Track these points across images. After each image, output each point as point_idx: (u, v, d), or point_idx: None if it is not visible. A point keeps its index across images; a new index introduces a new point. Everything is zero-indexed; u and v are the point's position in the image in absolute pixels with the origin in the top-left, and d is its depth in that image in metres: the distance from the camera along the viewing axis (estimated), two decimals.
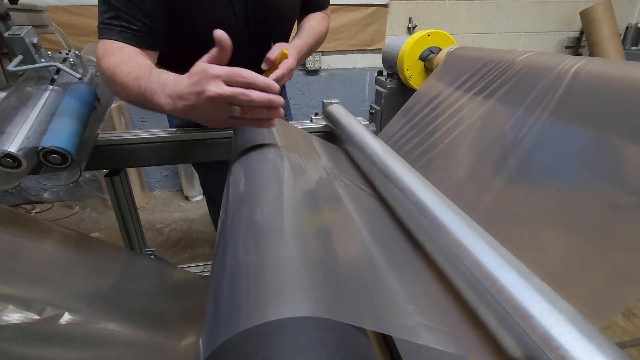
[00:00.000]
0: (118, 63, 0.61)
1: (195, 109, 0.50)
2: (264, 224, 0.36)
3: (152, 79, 0.55)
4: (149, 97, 0.55)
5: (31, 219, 0.81)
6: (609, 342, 0.25)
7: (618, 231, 0.39)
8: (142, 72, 0.57)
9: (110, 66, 0.62)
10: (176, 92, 0.51)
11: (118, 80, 0.60)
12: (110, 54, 0.64)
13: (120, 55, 0.63)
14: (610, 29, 2.18)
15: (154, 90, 0.54)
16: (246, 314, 0.24)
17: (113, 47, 0.65)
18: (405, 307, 0.30)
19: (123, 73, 0.59)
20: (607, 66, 0.48)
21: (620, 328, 1.25)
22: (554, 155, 0.50)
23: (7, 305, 0.46)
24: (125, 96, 0.61)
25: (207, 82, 0.47)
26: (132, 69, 0.59)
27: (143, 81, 0.56)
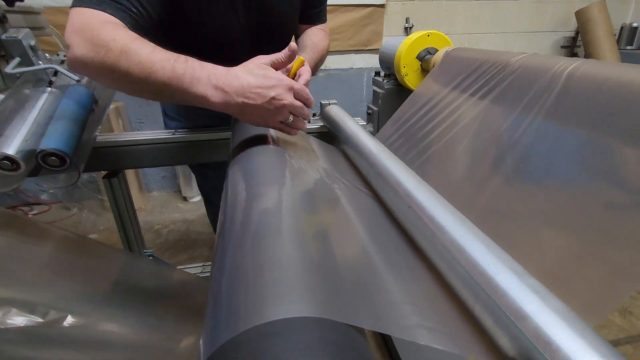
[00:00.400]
0: (134, 38, 0.51)
1: (255, 109, 0.52)
2: (262, 225, 0.36)
3: (193, 65, 0.50)
4: (186, 84, 0.49)
5: (29, 221, 0.81)
6: (603, 340, 0.26)
7: (613, 230, 0.40)
8: (171, 55, 0.51)
9: (123, 39, 0.50)
10: (234, 87, 0.50)
11: (134, 57, 0.49)
12: (113, 27, 0.52)
13: (128, 31, 0.53)
14: (605, 28, 2.19)
15: (196, 78, 0.49)
16: (245, 315, 0.24)
17: (111, 20, 0.54)
18: (403, 307, 0.31)
19: (144, 50, 0.50)
20: (601, 68, 0.49)
21: (616, 326, 1.26)
22: (550, 155, 0.51)
23: (11, 308, 0.46)
24: (139, 79, 0.50)
25: (284, 91, 0.52)
26: (156, 48, 0.51)
27: (179, 64, 0.50)
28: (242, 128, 0.72)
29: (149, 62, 0.49)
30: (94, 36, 0.50)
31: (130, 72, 0.50)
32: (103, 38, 0.50)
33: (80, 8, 0.54)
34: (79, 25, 0.52)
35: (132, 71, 0.50)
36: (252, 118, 0.55)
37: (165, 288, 0.90)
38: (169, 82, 0.50)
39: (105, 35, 0.50)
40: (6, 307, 0.46)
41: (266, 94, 0.51)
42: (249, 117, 0.54)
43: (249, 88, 0.50)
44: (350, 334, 0.25)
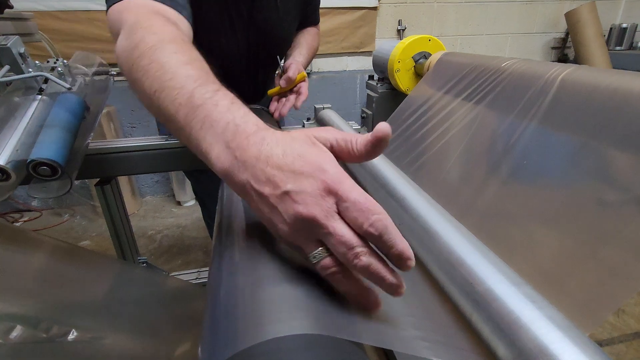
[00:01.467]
0: (179, 39, 0.41)
1: (260, 200, 0.29)
2: (259, 233, 0.36)
3: (220, 99, 0.33)
4: (196, 122, 0.32)
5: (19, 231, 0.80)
6: (598, 348, 0.26)
7: (607, 229, 0.40)
8: (205, 75, 0.37)
9: (166, 33, 0.40)
10: (248, 154, 0.29)
11: (159, 58, 0.37)
12: (165, 21, 0.44)
13: (178, 31, 0.44)
14: (595, 29, 2.22)
15: (212, 119, 0.31)
16: (244, 332, 0.24)
17: (167, 13, 0.46)
18: (401, 319, 0.31)
19: (176, 57, 0.37)
20: (593, 74, 0.50)
21: (609, 324, 1.27)
22: (544, 159, 0.51)
23: (15, 324, 0.45)
24: (149, 91, 0.36)
25: (315, 190, 0.27)
26: (196, 60, 0.38)
27: (203, 90, 0.34)
28: None
29: (171, 71, 0.35)
30: (137, 22, 0.41)
31: (144, 77, 0.36)
32: (146, 25, 0.40)
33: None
34: (132, 16, 0.44)
35: (146, 76, 0.36)
36: (257, 212, 0.30)
37: (160, 296, 0.89)
38: (178, 110, 0.33)
39: (149, 24, 0.40)
40: (9, 323, 0.45)
41: (280, 182, 0.27)
42: (255, 207, 0.30)
43: (265, 162, 0.28)
44: (350, 350, 0.24)
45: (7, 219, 2.12)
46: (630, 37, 2.41)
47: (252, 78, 0.87)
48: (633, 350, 1.17)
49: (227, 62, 0.79)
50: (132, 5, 0.45)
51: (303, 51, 0.91)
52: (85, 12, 1.84)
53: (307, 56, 0.92)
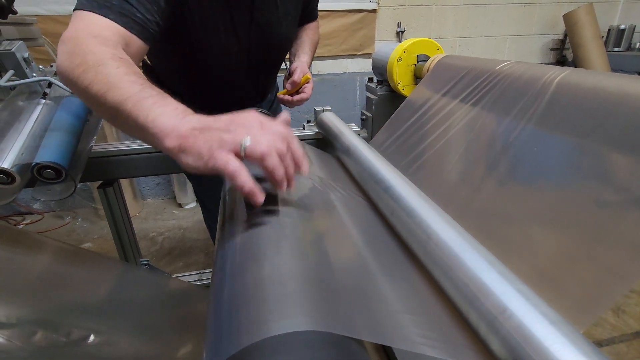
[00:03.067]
0: (117, 57, 0.48)
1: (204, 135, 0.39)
2: (260, 236, 0.37)
3: (162, 95, 0.44)
4: (145, 106, 0.41)
5: (22, 233, 0.81)
6: (591, 344, 0.27)
7: (604, 229, 0.41)
8: (145, 81, 0.45)
9: (103, 54, 0.47)
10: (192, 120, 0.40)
11: (103, 71, 0.45)
12: (102, 41, 0.49)
13: (115, 50, 0.50)
14: (593, 31, 2.23)
15: (159, 104, 0.42)
16: (247, 330, 0.25)
17: (110, 29, 0.52)
18: (401, 317, 0.32)
19: (118, 69, 0.45)
20: (589, 77, 0.51)
21: (609, 324, 1.27)
22: (542, 160, 0.52)
23: (36, 329, 0.46)
24: (98, 94, 0.44)
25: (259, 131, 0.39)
26: (133, 72, 0.46)
27: (148, 90, 0.44)
28: None
29: (117, 78, 0.43)
30: (77, 45, 0.47)
31: (92, 85, 0.44)
32: (83, 48, 0.46)
33: (82, 11, 0.51)
34: (72, 33, 0.50)
35: (94, 85, 0.44)
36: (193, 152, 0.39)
37: (162, 297, 0.89)
38: (127, 101, 0.41)
39: (87, 47, 0.47)
40: (31, 327, 0.46)
41: (224, 125, 0.39)
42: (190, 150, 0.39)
43: (201, 124, 0.39)
44: (350, 346, 0.25)
45: (9, 221, 2.13)
46: (628, 38, 2.42)
47: (253, 79, 0.88)
48: (633, 350, 1.17)
49: (228, 62, 0.80)
50: (85, 21, 0.51)
51: (306, 49, 0.94)
52: None
53: (311, 53, 0.96)
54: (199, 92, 0.66)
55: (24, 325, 0.49)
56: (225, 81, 0.65)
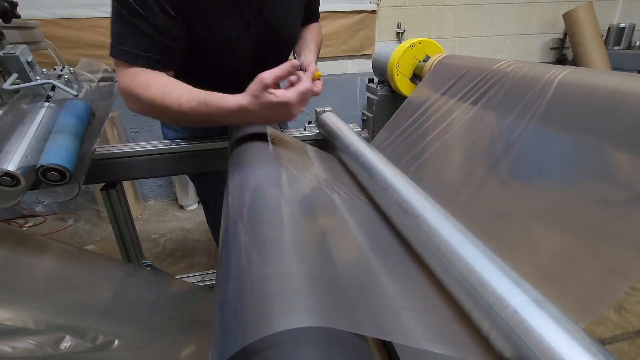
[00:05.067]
0: (167, 91, 0.65)
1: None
2: (264, 236, 0.37)
3: (214, 95, 0.64)
4: (220, 104, 0.63)
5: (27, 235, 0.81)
6: (593, 340, 0.27)
7: (605, 227, 0.41)
8: (200, 93, 0.64)
9: (162, 98, 0.65)
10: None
11: (174, 108, 0.64)
12: (147, 87, 0.66)
13: (159, 86, 0.66)
14: (593, 30, 2.23)
15: (225, 98, 0.63)
16: (253, 326, 0.25)
17: (145, 75, 0.67)
18: (404, 314, 0.32)
19: (179, 101, 0.64)
20: (590, 75, 0.51)
21: (612, 322, 1.27)
22: (544, 158, 0.52)
23: (64, 334, 0.46)
24: (185, 118, 0.66)
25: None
26: (185, 92, 0.65)
27: (207, 96, 0.63)
28: (240, 138, 0.73)
29: (187, 101, 0.63)
30: (139, 99, 0.66)
31: (172, 110, 0.64)
32: (147, 100, 0.65)
33: (119, 62, 0.67)
34: (125, 87, 0.66)
35: (173, 109, 0.64)
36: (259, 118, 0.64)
37: (165, 298, 0.90)
38: (210, 112, 0.63)
39: (148, 97, 0.65)
40: (59, 333, 0.47)
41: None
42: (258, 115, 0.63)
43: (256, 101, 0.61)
44: (354, 342, 0.26)
45: (11, 224, 2.14)
46: (628, 36, 2.42)
47: None
48: (636, 347, 1.17)
49: (235, 59, 0.81)
50: (128, 75, 0.66)
51: (311, 48, 0.94)
52: (89, 19, 1.87)
53: (316, 52, 0.97)
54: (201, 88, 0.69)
55: (52, 331, 0.49)
56: (230, 78, 0.69)
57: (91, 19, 1.87)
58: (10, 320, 0.46)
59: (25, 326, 0.47)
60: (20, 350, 0.44)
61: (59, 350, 0.46)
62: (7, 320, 0.46)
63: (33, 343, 0.45)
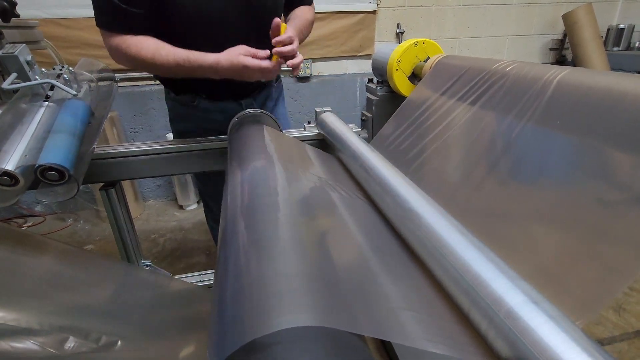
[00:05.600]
0: (153, 48, 0.79)
1: None
2: (263, 235, 0.37)
3: (196, 53, 0.78)
4: (199, 60, 0.77)
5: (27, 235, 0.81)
6: (591, 340, 0.27)
7: (605, 227, 0.41)
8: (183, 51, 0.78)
9: (145, 52, 0.79)
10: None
11: (160, 60, 0.78)
12: (134, 45, 0.79)
13: (143, 43, 0.79)
14: (592, 31, 2.24)
15: (205, 55, 0.77)
16: (251, 325, 0.25)
17: (124, 38, 0.79)
18: (402, 313, 0.32)
19: (163, 53, 0.78)
20: (588, 76, 0.51)
21: (611, 323, 1.27)
22: (543, 158, 0.52)
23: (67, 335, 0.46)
24: (168, 68, 0.79)
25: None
26: (168, 49, 0.79)
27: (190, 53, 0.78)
28: (240, 138, 0.73)
29: (174, 60, 0.78)
30: (124, 56, 0.80)
31: (162, 69, 0.80)
32: (139, 59, 0.79)
33: (101, 30, 0.80)
34: (110, 48, 0.81)
35: (163, 68, 0.80)
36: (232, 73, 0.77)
37: (164, 298, 0.90)
38: (190, 64, 0.77)
39: (140, 57, 0.79)
40: (63, 334, 0.46)
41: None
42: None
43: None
44: (352, 341, 0.26)
45: (10, 224, 2.14)
46: (627, 37, 2.43)
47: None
48: (635, 348, 1.17)
49: (221, 31, 0.85)
50: (108, 39, 0.81)
51: (293, 23, 0.94)
52: (88, 19, 1.86)
53: (297, 23, 0.95)
54: None
55: (55, 332, 0.49)
56: (216, 43, 0.79)
57: (90, 19, 1.86)
58: (15, 321, 0.46)
59: (29, 327, 0.47)
60: (24, 351, 0.44)
61: (63, 350, 0.46)
62: (12, 321, 0.46)
63: (37, 343, 0.45)
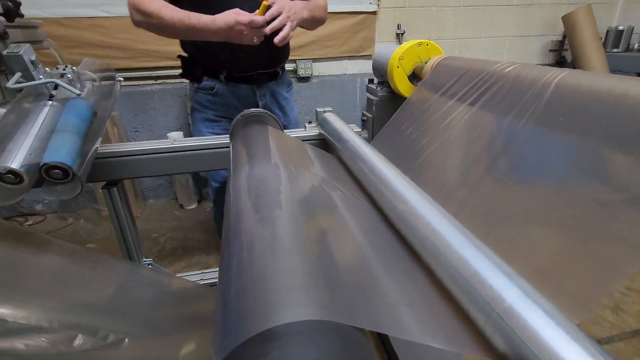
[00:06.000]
0: (162, 6, 0.94)
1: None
2: (266, 233, 0.38)
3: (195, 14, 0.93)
4: (196, 21, 0.92)
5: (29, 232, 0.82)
6: (584, 333, 0.28)
7: (602, 226, 0.42)
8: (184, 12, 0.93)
9: (156, 8, 0.93)
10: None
11: (167, 17, 0.93)
12: (150, 1, 0.94)
13: (155, 1, 0.94)
14: (591, 32, 2.25)
15: (203, 16, 0.92)
16: (254, 320, 0.26)
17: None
18: (401, 309, 0.33)
19: (169, 11, 0.93)
20: (586, 78, 0.52)
21: (609, 323, 1.28)
22: (541, 158, 0.53)
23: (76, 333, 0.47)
24: (173, 28, 0.94)
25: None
26: (173, 8, 0.94)
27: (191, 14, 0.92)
28: (242, 137, 0.74)
29: (177, 16, 0.92)
30: (138, 10, 0.95)
31: (167, 25, 0.94)
32: (148, 12, 0.94)
33: None
34: (129, 4, 0.95)
35: (167, 24, 0.93)
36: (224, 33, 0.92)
37: (166, 296, 0.91)
38: (190, 20, 0.92)
39: (149, 10, 0.93)
40: (72, 331, 0.47)
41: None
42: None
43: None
44: (353, 335, 0.26)
45: (12, 222, 2.14)
46: (627, 39, 2.44)
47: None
48: (632, 348, 1.18)
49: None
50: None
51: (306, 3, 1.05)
52: (89, 19, 1.87)
53: (310, 6, 1.08)
54: None
55: (64, 330, 0.50)
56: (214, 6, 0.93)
57: (92, 19, 1.88)
58: (25, 319, 0.47)
59: (39, 324, 0.47)
60: (34, 348, 0.44)
61: (72, 348, 0.47)
62: (22, 319, 0.47)
63: (46, 341, 0.46)
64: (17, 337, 0.44)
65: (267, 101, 1.22)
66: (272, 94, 1.23)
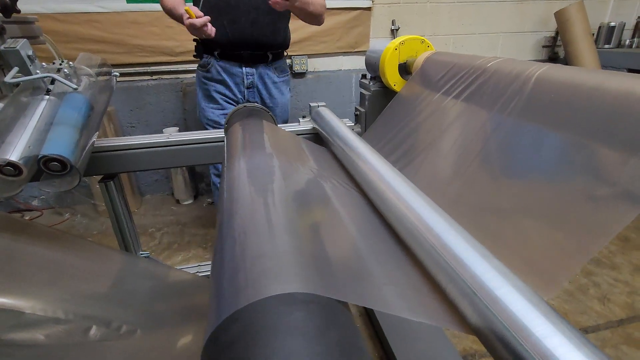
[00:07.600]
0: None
1: None
2: (259, 218, 0.40)
3: None
4: None
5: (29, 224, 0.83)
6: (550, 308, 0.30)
7: (592, 220, 0.43)
8: None
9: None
10: None
11: None
12: None
13: None
14: (583, 28, 2.27)
15: None
16: (245, 293, 0.28)
17: None
18: (385, 287, 0.35)
19: None
20: (565, 72, 0.54)
21: (595, 312, 1.32)
22: (529, 152, 0.55)
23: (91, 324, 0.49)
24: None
25: None
26: None
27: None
28: (237, 131, 0.76)
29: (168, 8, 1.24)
30: None
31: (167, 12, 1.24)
32: None
33: None
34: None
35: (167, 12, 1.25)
36: None
37: (163, 288, 0.92)
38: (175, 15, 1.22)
39: None
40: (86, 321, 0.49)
41: None
42: None
43: None
44: (336, 308, 0.29)
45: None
46: (618, 35, 2.47)
47: None
48: (617, 336, 1.22)
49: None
50: None
51: None
52: (85, 14, 1.87)
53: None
54: None
55: (80, 321, 0.51)
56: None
57: (88, 14, 1.88)
58: (43, 311, 0.49)
59: (55, 316, 0.49)
60: (54, 339, 0.46)
61: (88, 338, 0.48)
62: (40, 311, 0.48)
63: (64, 332, 0.48)
64: (37, 328, 0.46)
65: (254, 80, 1.40)
66: (261, 76, 1.41)
